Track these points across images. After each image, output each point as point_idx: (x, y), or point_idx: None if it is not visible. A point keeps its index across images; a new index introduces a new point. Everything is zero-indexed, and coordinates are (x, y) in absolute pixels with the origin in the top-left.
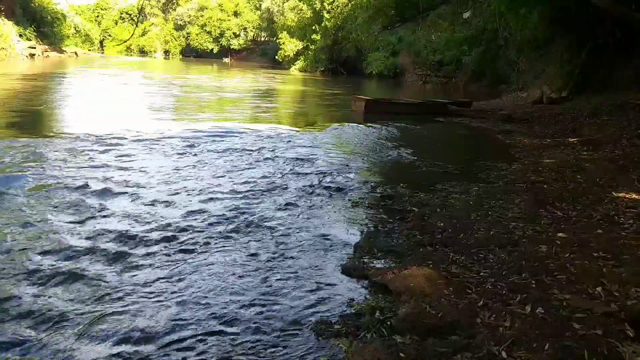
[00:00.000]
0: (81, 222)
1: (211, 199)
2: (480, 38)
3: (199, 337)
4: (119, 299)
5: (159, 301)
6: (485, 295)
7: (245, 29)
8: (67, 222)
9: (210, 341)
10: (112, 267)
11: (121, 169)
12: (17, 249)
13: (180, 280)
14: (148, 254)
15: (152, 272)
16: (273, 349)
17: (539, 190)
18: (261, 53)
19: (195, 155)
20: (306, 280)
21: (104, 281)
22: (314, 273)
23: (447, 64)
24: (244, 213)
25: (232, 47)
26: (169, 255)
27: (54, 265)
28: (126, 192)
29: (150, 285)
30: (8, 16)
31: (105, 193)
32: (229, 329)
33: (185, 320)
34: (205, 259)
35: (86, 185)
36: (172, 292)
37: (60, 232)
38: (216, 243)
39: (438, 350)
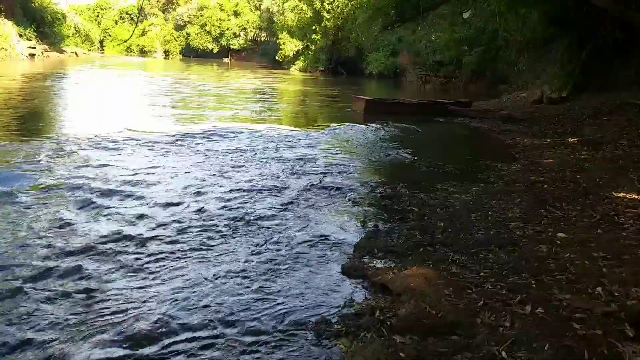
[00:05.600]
0: (81, 222)
1: (211, 198)
2: (480, 38)
3: (199, 338)
4: (118, 299)
5: (158, 301)
6: (485, 295)
7: (245, 29)
8: (67, 222)
9: (210, 342)
10: (111, 267)
11: (121, 168)
12: (17, 248)
13: (179, 280)
14: (147, 254)
15: (151, 273)
16: (273, 350)
17: (539, 190)
18: (261, 53)
19: (195, 155)
20: (306, 280)
21: (103, 281)
22: (314, 273)
23: (447, 64)
24: (243, 213)
25: (232, 47)
26: (169, 256)
27: (54, 264)
28: (126, 192)
29: (150, 286)
30: (8, 16)
31: (105, 193)
32: (228, 330)
33: (184, 320)
34: (204, 259)
35: (86, 185)
36: (171, 292)
37: (60, 232)
38: (216, 243)
39: (438, 350)
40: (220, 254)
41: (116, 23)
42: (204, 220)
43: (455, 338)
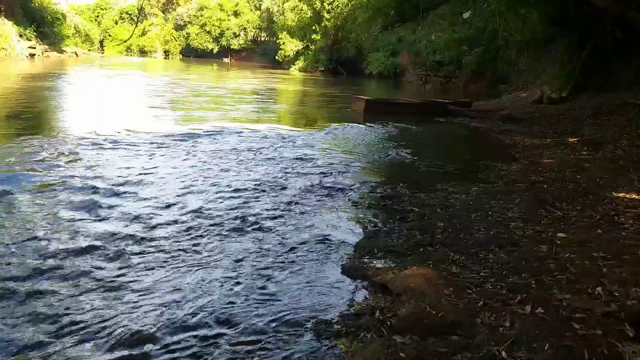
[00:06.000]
0: (82, 222)
1: (210, 198)
2: (480, 38)
3: (198, 338)
4: (118, 299)
5: (158, 301)
6: (485, 295)
7: (245, 29)
8: (67, 222)
9: (210, 342)
10: (111, 267)
11: (121, 168)
12: (17, 248)
13: (179, 280)
14: (147, 254)
15: (151, 272)
16: (273, 349)
17: (539, 190)
18: (261, 53)
19: (195, 155)
20: (306, 280)
21: (104, 281)
22: (314, 273)
23: (447, 64)
24: (243, 213)
25: (232, 47)
26: (169, 255)
27: (54, 264)
28: (126, 192)
29: (150, 286)
30: (8, 16)
31: (105, 193)
32: (228, 330)
33: (184, 320)
34: (204, 259)
35: (86, 185)
36: (171, 292)
37: (60, 232)
38: (215, 243)
39: (438, 350)
40: (220, 254)
41: (116, 23)
42: (203, 220)
43: (455, 338)
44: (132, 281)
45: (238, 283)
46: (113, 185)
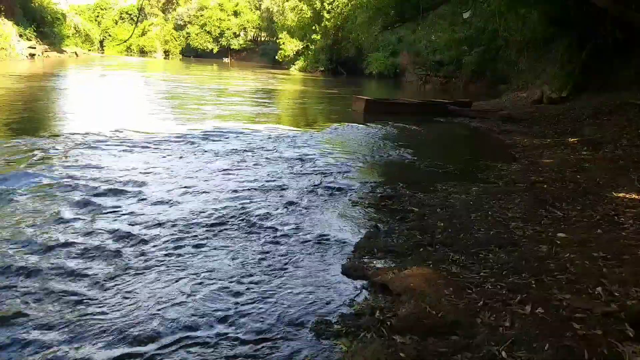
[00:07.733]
0: (82, 222)
1: (211, 198)
2: (480, 38)
3: (198, 338)
4: (118, 298)
5: (158, 301)
6: (485, 295)
7: (245, 29)
8: (67, 222)
9: (209, 341)
10: (111, 267)
11: (121, 168)
12: (17, 248)
13: (179, 280)
14: (148, 254)
15: (152, 272)
16: (272, 349)
17: (539, 190)
18: (261, 53)
19: (195, 155)
20: (306, 280)
21: (104, 281)
22: (314, 273)
23: (447, 64)
24: (243, 213)
25: (232, 47)
26: (169, 255)
27: (54, 264)
28: (126, 192)
29: (150, 285)
30: (8, 16)
31: (105, 193)
32: (228, 329)
33: (183, 320)
34: (204, 259)
35: (87, 185)
36: (172, 292)
37: (60, 232)
38: (216, 243)
39: (438, 350)
40: (220, 254)
41: (116, 23)
42: (202, 219)
43: (455, 338)
44: (131, 281)
45: (238, 283)
46: (113, 185)
